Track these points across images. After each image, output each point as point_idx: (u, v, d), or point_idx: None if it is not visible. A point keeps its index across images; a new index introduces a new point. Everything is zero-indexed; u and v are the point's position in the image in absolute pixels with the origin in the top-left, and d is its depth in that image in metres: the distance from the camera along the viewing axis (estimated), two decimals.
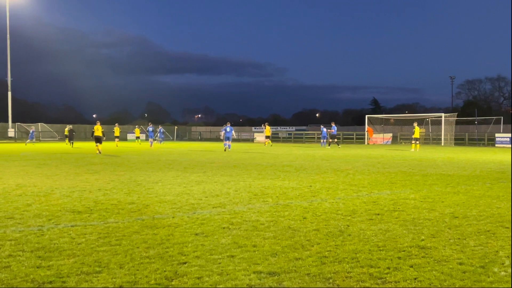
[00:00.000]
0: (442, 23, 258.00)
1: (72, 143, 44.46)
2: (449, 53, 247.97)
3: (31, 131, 47.45)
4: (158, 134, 48.51)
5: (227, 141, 34.46)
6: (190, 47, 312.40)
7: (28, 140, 46.83)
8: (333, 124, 43.91)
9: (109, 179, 14.35)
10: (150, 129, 45.75)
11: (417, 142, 35.88)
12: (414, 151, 34.05)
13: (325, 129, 45.06)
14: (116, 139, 46.91)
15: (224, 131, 35.58)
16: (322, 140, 45.01)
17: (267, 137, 45.10)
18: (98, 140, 31.31)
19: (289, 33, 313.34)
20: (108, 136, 52.07)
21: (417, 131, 35.78)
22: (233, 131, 35.56)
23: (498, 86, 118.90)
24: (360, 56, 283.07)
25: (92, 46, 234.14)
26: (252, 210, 8.98)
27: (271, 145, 44.70)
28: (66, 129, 48.11)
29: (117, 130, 47.67)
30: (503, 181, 14.11)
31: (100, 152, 29.82)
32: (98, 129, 31.92)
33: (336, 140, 43.88)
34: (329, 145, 42.81)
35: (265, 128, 45.51)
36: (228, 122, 37.12)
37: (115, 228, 7.34)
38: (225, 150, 33.36)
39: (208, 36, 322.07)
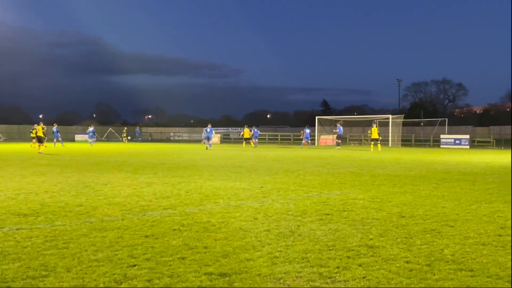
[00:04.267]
0: (390, 27, 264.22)
1: None
2: (397, 56, 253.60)
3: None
4: (90, 134, 49.85)
5: (206, 140, 38.92)
6: (146, 47, 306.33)
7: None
8: (338, 125, 44.09)
9: (56, 181, 14.00)
10: (55, 129, 45.16)
11: (377, 142, 36.53)
12: (374, 151, 34.40)
13: (307, 130, 45.48)
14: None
15: (204, 132, 40.07)
16: (303, 142, 45.33)
17: (246, 139, 44.70)
18: (39, 140, 32.87)
19: (247, 34, 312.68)
20: (50, 136, 50.91)
21: (375, 132, 36.43)
22: (213, 132, 40.46)
23: (443, 89, 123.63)
24: (313, 58, 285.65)
25: (45, 46, 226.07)
26: (203, 212, 8.95)
27: (245, 146, 44.05)
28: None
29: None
30: (448, 181, 14.55)
31: (41, 152, 30.85)
32: (39, 130, 33.58)
33: (340, 141, 43.25)
34: (338, 146, 42.53)
35: (243, 130, 45.35)
36: (209, 124, 40.48)
37: (62, 231, 7.17)
38: (206, 149, 37.71)
39: (165, 37, 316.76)
